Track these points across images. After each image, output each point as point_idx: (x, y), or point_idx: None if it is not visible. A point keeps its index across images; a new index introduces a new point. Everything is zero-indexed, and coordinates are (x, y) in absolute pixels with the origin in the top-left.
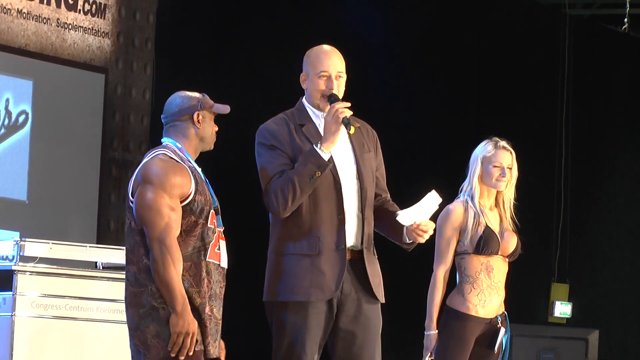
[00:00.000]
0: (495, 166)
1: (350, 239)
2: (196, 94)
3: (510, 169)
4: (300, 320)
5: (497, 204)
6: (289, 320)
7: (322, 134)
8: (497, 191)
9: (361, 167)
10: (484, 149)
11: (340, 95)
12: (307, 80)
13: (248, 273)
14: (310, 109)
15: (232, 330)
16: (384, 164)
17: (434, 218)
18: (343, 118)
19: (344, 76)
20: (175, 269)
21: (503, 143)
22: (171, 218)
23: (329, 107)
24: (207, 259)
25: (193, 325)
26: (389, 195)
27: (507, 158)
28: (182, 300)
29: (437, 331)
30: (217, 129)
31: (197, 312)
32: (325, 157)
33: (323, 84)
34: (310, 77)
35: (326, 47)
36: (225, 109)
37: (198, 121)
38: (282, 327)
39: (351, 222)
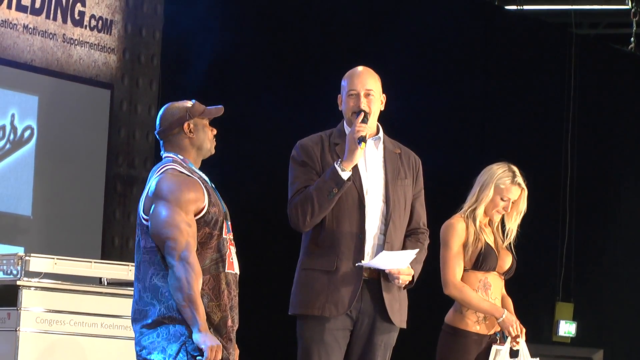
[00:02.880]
0: (502, 199)
1: (369, 260)
2: (186, 103)
3: (515, 203)
4: (317, 335)
5: (489, 222)
6: (306, 334)
7: None
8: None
9: (390, 191)
10: (500, 177)
11: (376, 114)
12: (342, 100)
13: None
14: (346, 129)
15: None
16: None
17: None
18: (359, 136)
19: (376, 95)
20: (198, 285)
21: (519, 179)
22: (189, 234)
23: None
24: (226, 271)
25: (215, 338)
26: (424, 228)
27: (517, 194)
28: (204, 316)
29: (506, 311)
30: (214, 132)
31: (218, 327)
32: (344, 175)
33: (352, 102)
34: (343, 97)
35: (360, 67)
36: (217, 111)
37: (190, 130)
38: (301, 340)
39: (371, 243)
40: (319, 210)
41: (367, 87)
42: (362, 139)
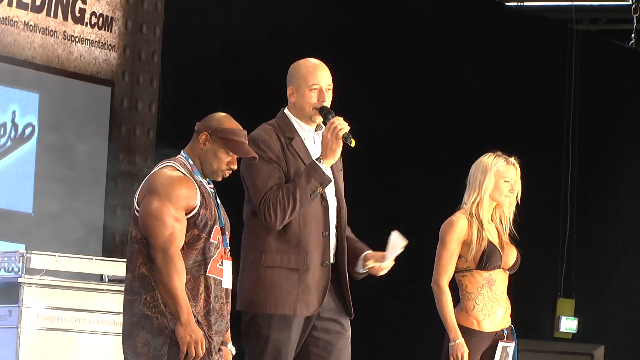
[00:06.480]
0: (506, 181)
1: (332, 256)
2: (224, 121)
3: (515, 184)
4: (284, 335)
5: (492, 218)
6: (273, 335)
7: (308, 148)
8: (496, 205)
9: (338, 186)
10: (495, 162)
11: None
12: (295, 93)
13: None
14: (296, 122)
15: None
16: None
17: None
18: (343, 134)
19: (331, 89)
20: (179, 279)
21: (512, 159)
22: (175, 228)
23: (319, 118)
24: (207, 274)
25: (198, 332)
26: None
27: (514, 174)
28: (186, 310)
29: (462, 339)
30: (233, 166)
31: (200, 325)
32: (328, 173)
33: (315, 96)
34: (300, 90)
35: (314, 60)
36: (243, 153)
37: (203, 142)
38: (264, 340)
39: (333, 240)
40: (299, 209)
41: (328, 83)
42: (349, 136)
